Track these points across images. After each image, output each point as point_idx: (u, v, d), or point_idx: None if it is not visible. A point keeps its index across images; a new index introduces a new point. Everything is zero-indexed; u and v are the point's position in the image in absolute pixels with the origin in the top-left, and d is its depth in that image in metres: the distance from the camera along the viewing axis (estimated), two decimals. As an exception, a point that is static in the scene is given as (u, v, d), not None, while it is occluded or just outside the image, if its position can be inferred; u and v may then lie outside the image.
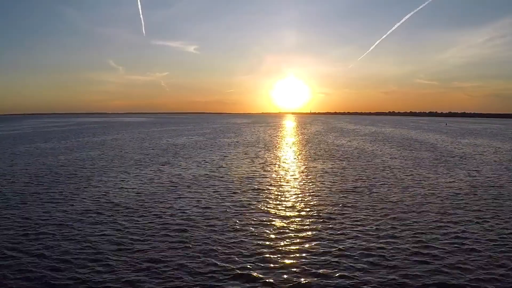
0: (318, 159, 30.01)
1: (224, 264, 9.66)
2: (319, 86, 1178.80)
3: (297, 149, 38.78)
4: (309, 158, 30.45)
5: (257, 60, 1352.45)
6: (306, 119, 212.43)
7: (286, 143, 45.83)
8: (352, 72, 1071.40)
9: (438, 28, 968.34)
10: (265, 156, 31.98)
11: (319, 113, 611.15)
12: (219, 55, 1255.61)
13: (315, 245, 11.00)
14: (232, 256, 10.18)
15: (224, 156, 31.75)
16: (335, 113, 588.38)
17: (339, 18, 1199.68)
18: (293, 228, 12.51)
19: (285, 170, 24.38)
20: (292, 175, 22.54)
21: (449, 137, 59.64)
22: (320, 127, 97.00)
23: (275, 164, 27.00)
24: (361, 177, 21.86)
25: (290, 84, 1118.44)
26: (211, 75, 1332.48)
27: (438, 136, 60.91)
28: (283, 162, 28.44)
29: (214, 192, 17.95)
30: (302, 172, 23.80)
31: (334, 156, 31.66)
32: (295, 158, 30.73)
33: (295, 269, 9.39)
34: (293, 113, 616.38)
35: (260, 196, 17.05)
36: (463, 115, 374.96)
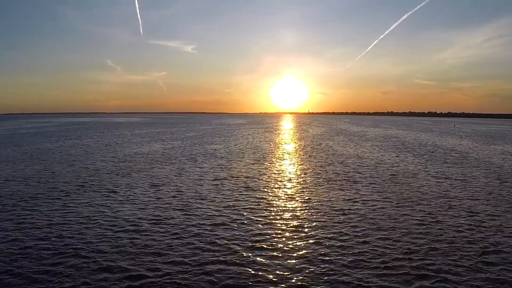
0: (331, 182, 21.00)
1: None
2: (317, 86, 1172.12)
3: (299, 163, 29.78)
4: (318, 182, 21.44)
5: (256, 60, 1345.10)
6: (305, 120, 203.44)
7: (284, 153, 36.79)
8: (350, 72, 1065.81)
9: (436, 28, 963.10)
10: (253, 176, 22.98)
11: (317, 113, 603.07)
12: (217, 55, 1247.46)
13: None
14: None
15: (193, 174, 22.76)
16: (333, 113, 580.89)
17: (337, 18, 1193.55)
18: None
19: (282, 208, 15.36)
20: (294, 219, 13.57)
21: (474, 142, 50.75)
22: (321, 129, 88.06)
23: (265, 194, 17.97)
24: (414, 227, 12.83)
25: (288, 84, 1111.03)
26: (210, 75, 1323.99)
27: (458, 141, 52.06)
28: (279, 189, 19.43)
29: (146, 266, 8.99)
30: (311, 211, 14.78)
31: (353, 176, 22.66)
32: (296, 181, 21.72)
33: None
34: (291, 113, 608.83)
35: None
36: (462, 115, 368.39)
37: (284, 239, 11.80)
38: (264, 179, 21.66)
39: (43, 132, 70.41)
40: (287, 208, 15.29)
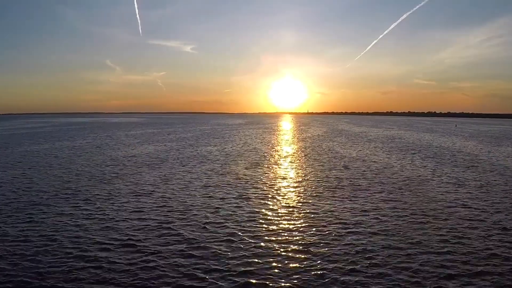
0: (335, 190, 18.95)
1: None
2: (317, 86, 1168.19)
3: (299, 167, 27.77)
4: (321, 190, 19.41)
5: (255, 60, 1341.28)
6: (304, 120, 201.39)
7: (283, 157, 34.79)
8: (349, 72, 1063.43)
9: (435, 28, 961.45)
10: (248, 183, 20.96)
11: (316, 113, 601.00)
12: (216, 55, 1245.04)
13: None
14: None
15: (182, 180, 20.73)
16: (333, 113, 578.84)
17: (337, 18, 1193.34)
18: None
19: (281, 221, 13.33)
20: (294, 234, 11.55)
21: (480, 143, 48.73)
22: (322, 130, 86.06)
23: (262, 205, 15.95)
24: (435, 244, 10.77)
25: (287, 84, 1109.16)
26: (209, 75, 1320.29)
27: (464, 142, 50.05)
28: (277, 198, 17.39)
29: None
30: (313, 225, 12.76)
31: (359, 182, 20.64)
32: (297, 188, 19.68)
33: None
34: (290, 113, 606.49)
35: None
36: (462, 115, 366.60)
37: (283, 259, 9.79)
38: (261, 186, 19.65)
39: (40, 133, 68.35)
40: (286, 221, 13.28)
